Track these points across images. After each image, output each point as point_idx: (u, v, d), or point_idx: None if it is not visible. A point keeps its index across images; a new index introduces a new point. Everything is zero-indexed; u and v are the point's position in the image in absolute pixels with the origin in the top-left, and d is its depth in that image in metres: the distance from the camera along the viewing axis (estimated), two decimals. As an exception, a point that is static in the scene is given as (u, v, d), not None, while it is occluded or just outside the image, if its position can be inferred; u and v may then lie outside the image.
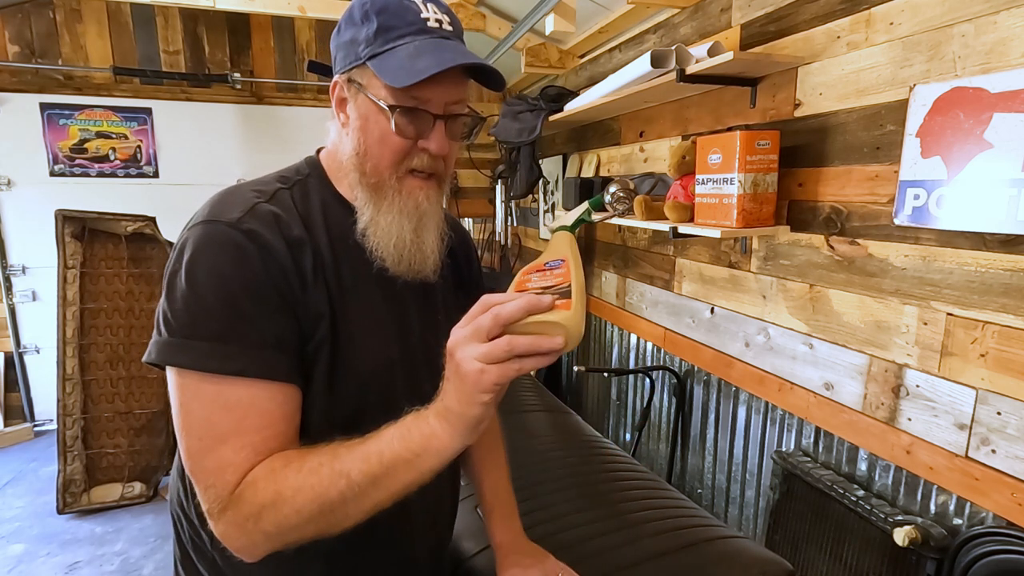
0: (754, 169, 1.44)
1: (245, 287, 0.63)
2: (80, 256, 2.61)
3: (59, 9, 3.24)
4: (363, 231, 0.73)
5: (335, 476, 0.59)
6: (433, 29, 0.69)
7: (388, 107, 0.67)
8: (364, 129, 0.70)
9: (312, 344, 0.68)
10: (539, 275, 0.68)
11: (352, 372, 0.71)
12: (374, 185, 0.72)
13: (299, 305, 0.67)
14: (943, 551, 1.16)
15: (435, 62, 0.65)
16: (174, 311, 0.63)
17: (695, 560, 1.07)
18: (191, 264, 0.63)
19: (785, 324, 1.60)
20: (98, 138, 3.37)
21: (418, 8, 0.69)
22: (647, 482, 1.37)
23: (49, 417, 3.45)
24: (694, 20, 1.92)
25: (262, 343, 0.63)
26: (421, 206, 0.74)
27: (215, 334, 0.62)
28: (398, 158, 0.71)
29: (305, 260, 0.68)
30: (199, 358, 0.61)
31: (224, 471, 0.61)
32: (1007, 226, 1.03)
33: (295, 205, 0.71)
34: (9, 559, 2.28)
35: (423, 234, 0.75)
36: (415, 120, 0.69)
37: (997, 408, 1.10)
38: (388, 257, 0.73)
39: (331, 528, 0.62)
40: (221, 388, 0.62)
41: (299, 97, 3.73)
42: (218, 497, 0.61)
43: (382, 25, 0.67)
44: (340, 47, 0.72)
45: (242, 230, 0.65)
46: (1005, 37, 1.04)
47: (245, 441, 0.62)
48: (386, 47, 0.67)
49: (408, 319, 0.78)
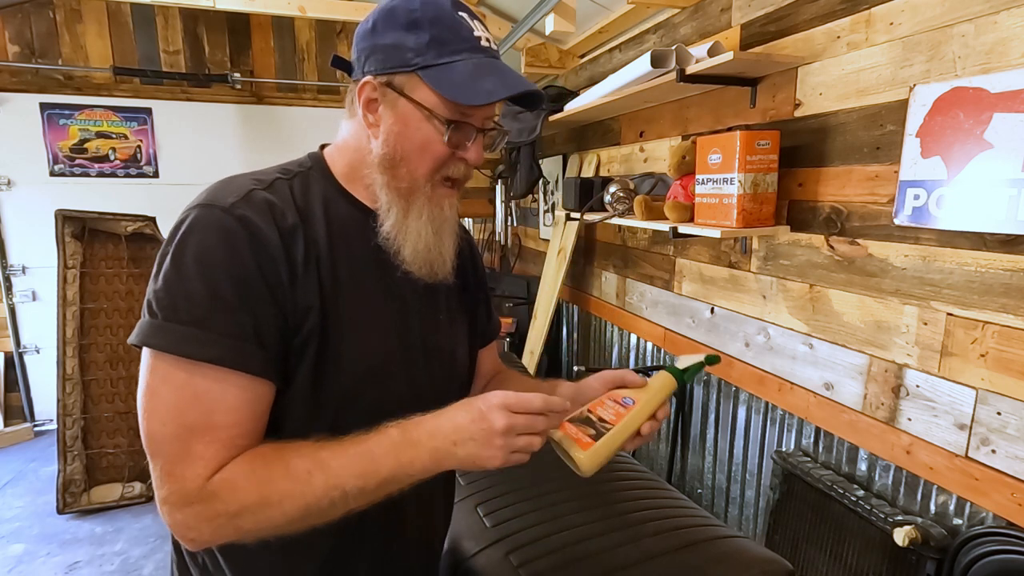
0: (754, 169, 1.44)
1: (230, 274, 0.63)
2: (80, 256, 2.61)
3: (59, 9, 3.24)
4: (388, 234, 0.73)
5: (328, 488, 0.61)
6: (486, 48, 0.71)
7: (445, 121, 0.69)
8: (403, 135, 0.71)
9: (300, 338, 0.67)
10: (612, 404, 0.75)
11: (343, 367, 0.70)
12: (406, 190, 0.73)
13: (287, 296, 0.66)
14: (943, 551, 1.16)
15: (502, 85, 0.69)
16: (157, 293, 0.63)
17: (695, 560, 1.07)
18: (179, 247, 0.63)
19: (785, 324, 1.60)
20: (98, 138, 3.38)
21: (469, 25, 0.70)
22: (647, 482, 1.37)
23: (49, 417, 3.45)
24: (694, 20, 1.92)
25: (240, 333, 0.63)
26: (445, 212, 0.76)
27: (194, 319, 0.61)
28: (438, 166, 0.73)
29: (297, 249, 0.67)
30: (175, 341, 0.61)
31: (193, 464, 0.61)
32: (1007, 226, 1.03)
33: (293, 195, 0.71)
34: (9, 559, 2.28)
35: (443, 239, 0.77)
36: (460, 132, 0.71)
37: (997, 408, 1.10)
38: (413, 261, 0.74)
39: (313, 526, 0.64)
40: (192, 375, 0.61)
41: (299, 97, 3.73)
42: (182, 489, 0.61)
43: (436, 37, 0.68)
44: (378, 48, 0.70)
45: (234, 215, 0.64)
46: (1005, 37, 1.04)
47: (214, 436, 0.62)
48: (442, 60, 0.68)
49: (408, 316, 0.78)
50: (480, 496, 1.29)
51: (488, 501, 1.27)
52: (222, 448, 0.62)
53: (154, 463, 0.62)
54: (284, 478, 0.61)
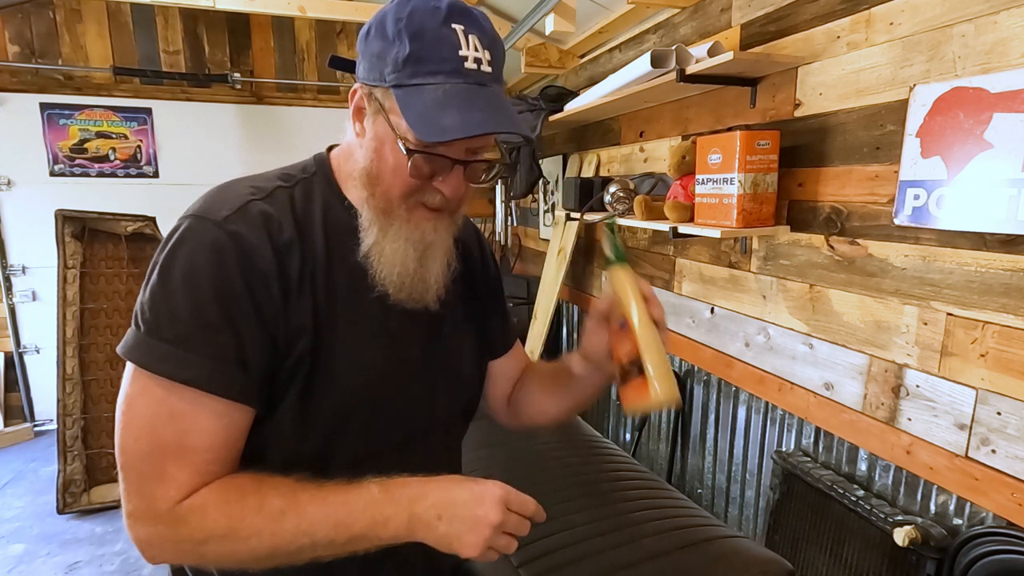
0: (754, 169, 1.44)
1: (216, 294, 0.60)
2: (80, 256, 2.61)
3: (59, 9, 3.24)
4: (366, 253, 0.69)
5: (299, 534, 0.60)
6: (469, 72, 0.63)
7: (406, 150, 0.63)
8: (378, 152, 0.66)
9: (291, 359, 0.65)
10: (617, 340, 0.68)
11: (335, 384, 0.68)
12: (382, 209, 0.69)
13: (278, 316, 0.64)
14: (943, 551, 1.16)
15: (460, 123, 0.60)
16: (143, 306, 0.62)
17: (695, 560, 1.07)
18: (168, 259, 0.62)
19: (785, 324, 1.60)
20: (98, 138, 3.37)
21: (457, 42, 0.62)
22: (647, 482, 1.37)
23: (49, 417, 3.44)
24: (694, 20, 1.92)
25: (222, 355, 0.61)
26: (427, 236, 0.70)
27: (176, 337, 0.60)
28: (409, 192, 0.67)
29: (292, 266, 0.65)
30: (155, 359, 0.60)
31: (165, 485, 0.60)
32: (1007, 226, 1.03)
33: (292, 205, 0.69)
34: (9, 559, 2.28)
35: (427, 263, 0.71)
36: (432, 163, 0.65)
37: (997, 408, 1.10)
38: (389, 284, 0.70)
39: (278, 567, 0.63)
40: (170, 394, 0.60)
41: (299, 97, 3.73)
42: (150, 508, 0.60)
43: (414, 53, 0.61)
44: (366, 56, 0.66)
45: (227, 231, 0.62)
46: (1005, 37, 1.04)
47: (188, 460, 0.61)
48: (413, 81, 0.62)
49: (407, 329, 0.75)
50: (480, 496, 1.29)
51: (488, 501, 1.27)
52: (195, 473, 0.61)
53: (124, 475, 0.61)
54: (256, 514, 0.60)
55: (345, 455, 0.71)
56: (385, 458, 0.73)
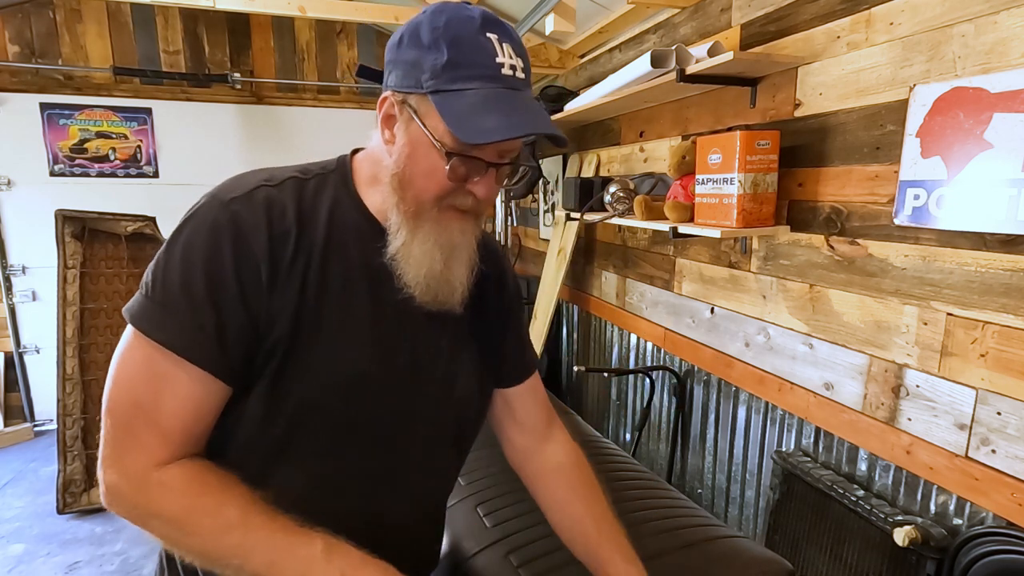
0: (754, 169, 1.44)
1: (205, 270, 0.64)
2: (80, 256, 2.61)
3: (59, 9, 3.24)
4: (393, 256, 0.71)
5: (235, 552, 0.62)
6: (506, 77, 0.66)
7: (446, 153, 0.66)
8: (412, 157, 0.68)
9: (268, 342, 0.67)
10: None
11: (309, 376, 0.68)
12: (412, 213, 0.70)
13: (262, 297, 0.66)
14: (943, 551, 1.16)
15: (504, 125, 0.63)
16: (148, 271, 0.67)
17: (695, 560, 1.07)
18: (176, 233, 0.67)
19: (785, 324, 1.60)
20: (98, 138, 3.38)
21: (494, 50, 0.65)
22: (647, 482, 1.37)
23: (49, 417, 3.45)
24: (694, 20, 1.92)
25: (202, 328, 0.64)
26: (455, 238, 0.72)
27: (162, 301, 0.64)
28: (443, 194, 0.69)
29: (285, 252, 0.67)
30: (140, 316, 0.64)
31: (138, 448, 0.64)
32: (1007, 226, 1.03)
33: (300, 196, 0.70)
34: (9, 559, 2.28)
35: (453, 266, 0.72)
36: (468, 165, 0.67)
37: (997, 408, 1.10)
38: (416, 286, 0.71)
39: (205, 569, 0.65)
40: (153, 354, 0.64)
41: (299, 97, 3.73)
42: (121, 463, 0.64)
43: (452, 60, 0.63)
44: (399, 63, 0.67)
45: (229, 211, 0.66)
46: (1005, 37, 1.04)
47: (157, 423, 0.64)
48: (452, 87, 0.64)
49: (399, 337, 0.74)
50: (480, 496, 1.29)
51: (488, 501, 1.27)
52: (162, 439, 0.64)
53: (105, 421, 0.65)
54: (207, 516, 0.63)
55: (307, 447, 0.71)
56: (348, 459, 0.74)
